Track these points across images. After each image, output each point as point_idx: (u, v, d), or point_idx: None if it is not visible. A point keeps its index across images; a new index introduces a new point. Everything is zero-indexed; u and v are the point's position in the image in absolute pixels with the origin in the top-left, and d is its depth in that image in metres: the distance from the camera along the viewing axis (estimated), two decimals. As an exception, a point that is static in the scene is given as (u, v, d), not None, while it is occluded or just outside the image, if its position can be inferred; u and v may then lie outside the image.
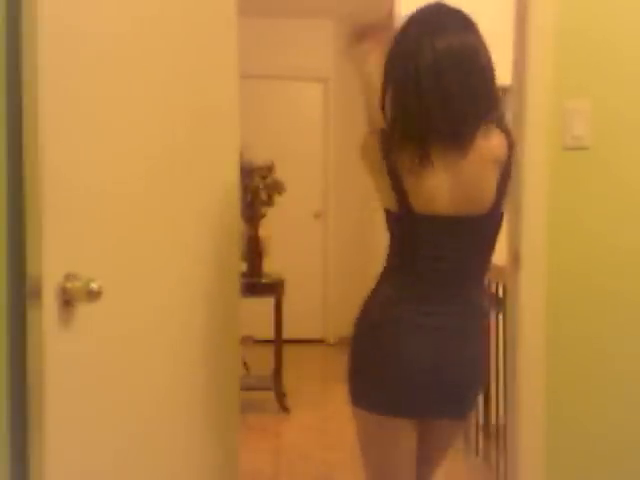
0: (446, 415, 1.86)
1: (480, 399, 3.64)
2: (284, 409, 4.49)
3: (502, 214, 1.81)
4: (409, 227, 1.77)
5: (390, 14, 1.82)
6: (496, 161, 1.75)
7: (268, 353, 4.67)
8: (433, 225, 1.75)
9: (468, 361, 1.81)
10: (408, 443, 1.84)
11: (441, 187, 1.72)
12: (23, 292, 1.35)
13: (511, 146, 1.78)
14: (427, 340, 1.76)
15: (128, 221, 1.64)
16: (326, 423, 4.27)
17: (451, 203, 1.73)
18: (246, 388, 3.92)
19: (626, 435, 2.38)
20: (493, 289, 3.38)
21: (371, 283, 1.89)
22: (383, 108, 1.79)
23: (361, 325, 1.85)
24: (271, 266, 4.63)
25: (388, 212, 1.80)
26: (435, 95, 1.69)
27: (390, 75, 1.77)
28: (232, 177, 2.20)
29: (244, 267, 4.38)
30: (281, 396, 4.53)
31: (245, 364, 4.39)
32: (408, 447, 1.85)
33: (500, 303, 3.13)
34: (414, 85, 1.70)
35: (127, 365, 1.65)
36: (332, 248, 6.41)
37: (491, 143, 1.74)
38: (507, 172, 1.78)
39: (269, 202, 4.45)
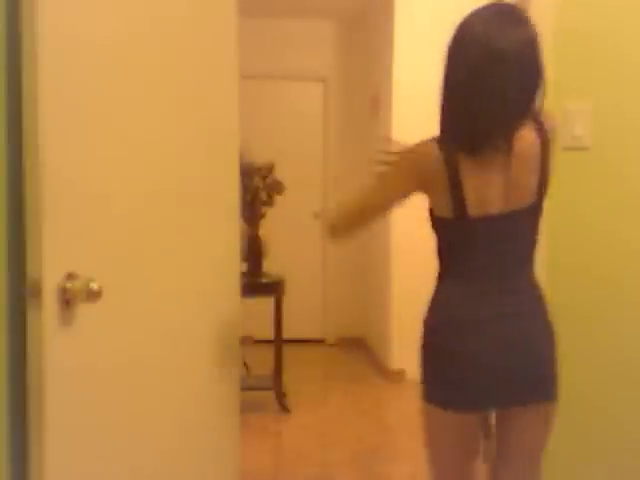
0: (520, 400, 1.81)
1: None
2: (284, 409, 4.49)
3: (542, 204, 1.86)
4: (462, 230, 1.80)
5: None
6: (532, 157, 1.78)
7: (268, 353, 4.67)
8: (486, 226, 1.78)
9: (532, 343, 1.79)
10: (473, 440, 1.91)
11: (494, 189, 1.76)
12: (23, 292, 1.35)
13: (544, 141, 1.79)
14: (489, 333, 1.77)
15: (128, 221, 1.64)
16: (326, 423, 4.27)
17: (500, 203, 1.77)
18: (246, 388, 3.93)
19: (626, 434, 2.38)
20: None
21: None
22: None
23: (426, 326, 1.86)
24: (271, 266, 4.63)
25: (439, 218, 1.82)
26: (491, 98, 1.70)
27: (449, 80, 1.76)
28: (232, 177, 2.20)
29: (244, 267, 4.38)
30: (281, 396, 4.53)
31: (245, 364, 4.40)
32: (471, 443, 1.92)
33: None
34: (471, 88, 1.71)
35: (127, 365, 1.65)
36: (332, 248, 6.42)
37: (525, 141, 1.76)
38: (544, 166, 1.80)
39: (269, 202, 4.45)
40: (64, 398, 1.41)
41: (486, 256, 1.80)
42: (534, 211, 1.84)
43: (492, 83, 1.69)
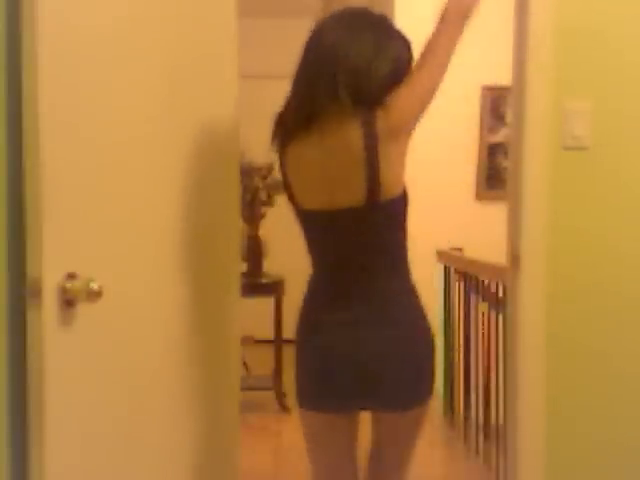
0: (370, 406, 1.84)
1: (480, 399, 3.65)
2: (284, 409, 4.49)
3: (390, 204, 1.75)
4: (303, 222, 1.85)
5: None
6: (352, 152, 1.71)
7: (268, 353, 4.67)
8: (318, 221, 1.80)
9: (382, 352, 1.76)
10: (341, 438, 1.90)
11: (315, 182, 1.77)
12: (23, 292, 1.35)
13: (371, 135, 1.69)
14: (335, 336, 1.78)
15: (128, 221, 1.64)
16: (326, 423, 4.26)
17: (325, 198, 1.75)
18: (246, 388, 3.92)
19: (626, 435, 2.37)
20: (493, 289, 3.38)
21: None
22: None
23: (296, 327, 1.92)
24: (271, 266, 4.63)
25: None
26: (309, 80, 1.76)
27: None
28: (232, 177, 2.20)
29: (244, 267, 4.38)
30: (281, 396, 4.52)
31: (245, 364, 4.39)
32: (342, 442, 1.90)
33: (500, 303, 3.13)
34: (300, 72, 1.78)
35: (127, 365, 1.65)
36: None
37: (344, 135, 1.72)
38: (374, 163, 1.70)
39: (269, 202, 4.44)
40: (64, 398, 1.41)
41: (330, 255, 1.82)
42: (372, 213, 1.74)
43: (315, 66, 1.74)
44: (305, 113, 1.76)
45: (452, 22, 1.79)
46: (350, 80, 1.71)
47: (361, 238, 1.78)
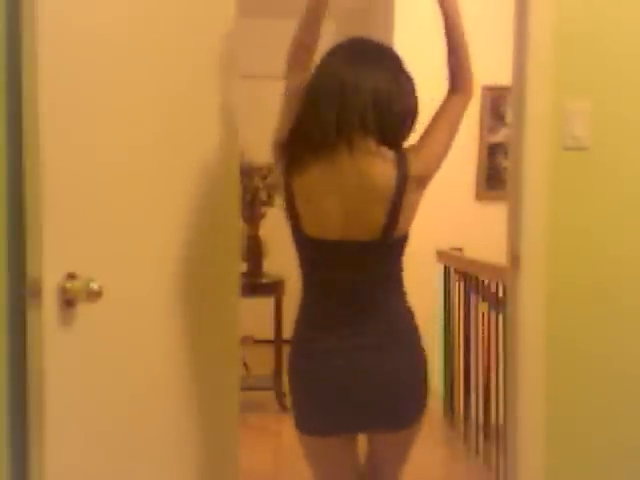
0: (371, 427, 1.87)
1: (480, 399, 3.64)
2: (284, 409, 4.49)
3: (401, 239, 1.79)
4: (303, 247, 1.83)
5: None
6: (378, 188, 1.72)
7: (268, 353, 4.67)
8: (324, 249, 1.78)
9: (384, 376, 1.79)
10: (342, 459, 1.93)
11: (331, 213, 1.75)
12: (23, 292, 1.35)
13: (403, 175, 1.72)
14: (335, 362, 1.79)
15: (128, 221, 1.64)
16: (326, 423, 4.26)
17: (339, 229, 1.74)
18: (246, 388, 3.92)
19: (626, 435, 2.37)
20: (493, 289, 3.38)
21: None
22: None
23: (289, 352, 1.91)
24: (271, 266, 4.62)
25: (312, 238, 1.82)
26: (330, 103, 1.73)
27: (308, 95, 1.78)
28: (232, 177, 2.20)
29: (244, 267, 4.38)
30: (281, 396, 4.52)
31: (245, 364, 4.39)
32: (343, 463, 1.94)
33: (500, 303, 3.13)
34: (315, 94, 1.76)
35: (127, 365, 1.65)
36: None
37: (373, 170, 1.72)
38: (399, 201, 1.73)
39: (269, 202, 4.44)
40: (64, 398, 1.41)
41: (330, 283, 1.80)
42: (383, 247, 1.77)
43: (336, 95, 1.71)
44: (326, 143, 1.72)
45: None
46: (375, 115, 1.71)
47: (369, 268, 1.79)
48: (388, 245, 1.77)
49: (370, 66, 1.74)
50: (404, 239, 1.82)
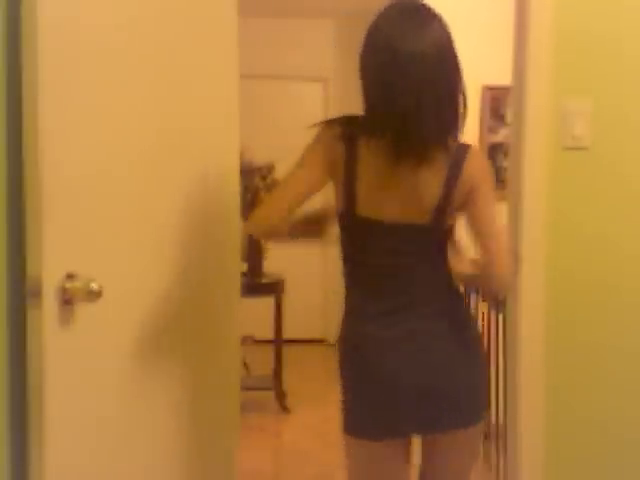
0: (427, 428, 1.75)
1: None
2: (284, 409, 4.49)
3: (438, 228, 1.74)
4: (354, 231, 1.76)
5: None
6: (435, 178, 1.69)
7: (268, 353, 4.67)
8: (378, 232, 1.72)
9: (438, 367, 1.72)
10: (393, 465, 1.79)
11: (390, 195, 1.70)
12: (23, 292, 1.35)
13: (453, 175, 1.69)
14: (384, 353, 1.72)
15: (128, 221, 1.64)
16: (326, 423, 4.26)
17: (396, 212, 1.70)
18: (246, 388, 3.92)
19: (626, 435, 2.37)
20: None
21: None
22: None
23: (339, 343, 1.84)
24: (271, 266, 4.63)
25: (338, 213, 1.79)
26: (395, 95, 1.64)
27: (362, 82, 1.70)
28: (232, 177, 2.20)
29: (244, 267, 4.38)
30: (281, 396, 4.52)
31: (245, 364, 4.39)
32: (393, 469, 1.80)
33: (500, 303, 3.13)
34: (379, 89, 1.66)
35: (127, 365, 1.65)
36: (332, 248, 6.39)
37: (434, 161, 1.67)
38: (448, 194, 1.69)
39: (269, 202, 4.44)
40: (64, 398, 1.41)
41: (382, 268, 1.74)
42: (431, 232, 1.73)
43: (393, 85, 1.62)
44: (404, 134, 1.64)
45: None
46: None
47: (422, 253, 1.75)
48: (438, 229, 1.74)
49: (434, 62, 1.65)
50: (452, 228, 1.78)
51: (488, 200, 1.73)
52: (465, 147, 1.73)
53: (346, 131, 1.71)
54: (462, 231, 1.78)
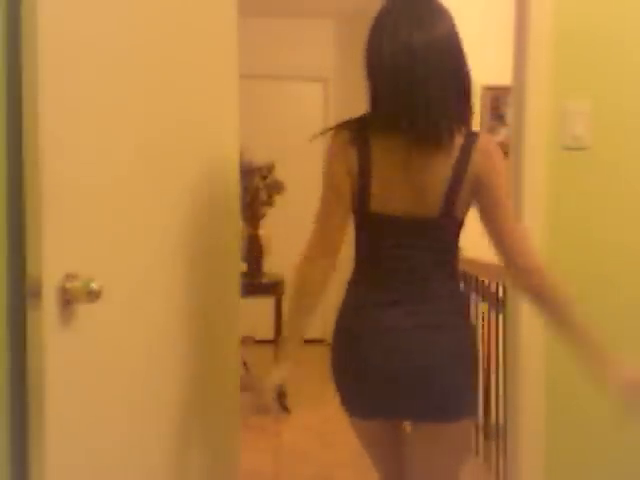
0: (415, 414, 1.79)
1: (480, 400, 3.64)
2: (284, 409, 4.49)
3: (448, 221, 1.75)
4: (366, 226, 1.80)
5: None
6: (444, 167, 1.70)
7: (268, 353, 4.67)
8: (389, 227, 1.75)
9: (429, 358, 1.74)
10: (386, 446, 1.94)
11: (400, 188, 1.72)
12: (23, 292, 1.35)
13: (463, 160, 1.70)
14: (380, 339, 1.75)
15: (128, 221, 1.64)
16: (326, 423, 4.26)
17: (406, 205, 1.72)
18: (246, 388, 3.92)
19: (626, 436, 2.37)
20: (493, 289, 3.38)
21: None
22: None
23: (334, 330, 1.91)
24: (271, 266, 4.63)
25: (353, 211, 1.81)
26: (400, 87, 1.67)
27: (368, 71, 1.73)
28: (232, 177, 2.20)
29: (244, 267, 4.38)
30: (281, 396, 4.52)
31: (245, 364, 4.39)
32: (387, 446, 1.94)
33: (500, 303, 3.13)
34: (384, 79, 1.69)
35: (127, 365, 1.65)
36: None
37: (443, 150, 1.69)
38: (458, 183, 1.71)
39: (269, 202, 4.44)
40: (64, 398, 1.41)
41: (391, 261, 1.76)
42: (441, 224, 1.75)
43: (401, 75, 1.65)
44: (414, 126, 1.67)
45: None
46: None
47: (429, 246, 1.77)
48: (446, 224, 1.76)
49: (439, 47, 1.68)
50: (462, 223, 1.80)
51: (501, 188, 1.74)
52: (475, 134, 1.74)
53: (356, 134, 1.74)
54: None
